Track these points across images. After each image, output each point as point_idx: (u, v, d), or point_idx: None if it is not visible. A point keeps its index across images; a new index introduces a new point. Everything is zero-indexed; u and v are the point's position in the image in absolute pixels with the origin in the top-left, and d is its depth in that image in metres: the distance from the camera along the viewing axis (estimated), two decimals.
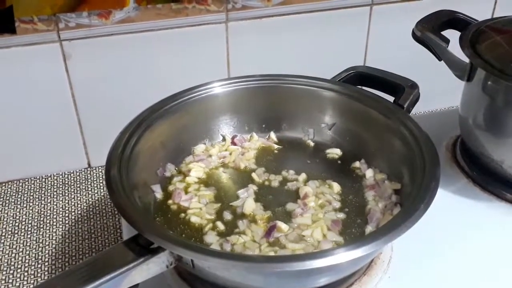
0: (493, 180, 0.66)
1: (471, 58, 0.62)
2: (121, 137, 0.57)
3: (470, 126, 0.67)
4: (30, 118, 0.75)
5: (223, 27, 0.76)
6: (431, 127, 0.60)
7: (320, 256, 0.44)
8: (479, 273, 0.56)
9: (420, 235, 0.52)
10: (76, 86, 0.74)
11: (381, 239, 0.45)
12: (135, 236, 0.47)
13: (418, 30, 0.68)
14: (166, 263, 0.47)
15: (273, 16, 0.78)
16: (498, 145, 0.64)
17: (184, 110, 0.64)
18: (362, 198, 0.61)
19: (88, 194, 0.77)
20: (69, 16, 0.69)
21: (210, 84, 0.66)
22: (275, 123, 0.70)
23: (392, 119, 0.61)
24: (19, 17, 0.67)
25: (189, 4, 0.73)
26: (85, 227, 0.71)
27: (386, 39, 0.84)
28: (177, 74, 0.77)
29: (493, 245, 0.60)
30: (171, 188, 0.61)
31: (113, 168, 0.53)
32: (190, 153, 0.66)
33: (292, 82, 0.68)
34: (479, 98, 0.64)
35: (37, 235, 0.70)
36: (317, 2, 0.78)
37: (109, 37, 0.72)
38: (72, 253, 0.67)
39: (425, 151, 0.55)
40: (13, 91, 0.72)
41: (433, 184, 0.51)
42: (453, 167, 0.70)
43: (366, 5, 0.81)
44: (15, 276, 0.65)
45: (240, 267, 0.45)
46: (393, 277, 0.55)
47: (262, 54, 0.80)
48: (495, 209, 0.64)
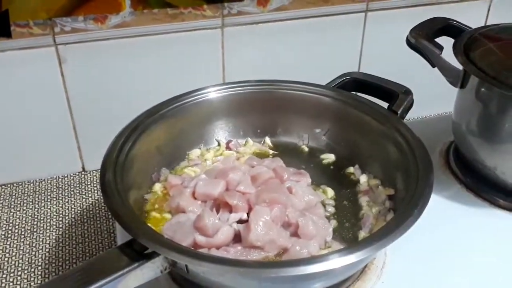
0: (486, 186, 0.67)
1: (464, 65, 0.63)
2: (116, 141, 0.57)
3: (464, 132, 0.67)
4: (25, 122, 0.74)
5: (218, 32, 0.76)
6: (425, 133, 0.60)
7: (314, 261, 0.44)
8: (472, 279, 0.57)
9: (413, 240, 0.52)
10: (71, 90, 0.74)
11: (374, 244, 0.46)
12: (130, 241, 0.47)
13: (412, 37, 0.69)
14: (161, 268, 0.47)
15: (268, 22, 0.78)
16: (491, 151, 0.64)
17: (180, 115, 0.64)
18: (356, 203, 0.61)
19: (82, 198, 0.77)
20: (65, 20, 0.69)
21: (206, 89, 0.66)
22: (270, 128, 0.70)
23: (386, 125, 0.62)
24: (15, 21, 0.67)
25: (185, 9, 0.73)
26: (79, 231, 0.71)
27: (380, 46, 0.85)
28: (173, 79, 0.77)
29: (486, 250, 0.60)
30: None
31: (108, 172, 0.53)
32: (185, 157, 0.67)
33: (287, 87, 0.68)
34: (472, 104, 0.65)
35: (30, 239, 0.70)
36: (312, 8, 0.78)
37: (104, 42, 0.72)
38: (65, 257, 0.67)
39: (418, 157, 0.56)
40: (8, 95, 0.72)
41: (427, 190, 0.51)
42: (447, 173, 0.71)
43: (361, 12, 0.82)
44: (8, 280, 0.64)
45: (235, 272, 0.45)
46: (386, 283, 0.56)
47: (257, 59, 0.80)
48: (488, 215, 0.65)
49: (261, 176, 0.59)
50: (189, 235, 0.52)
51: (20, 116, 0.74)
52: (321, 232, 0.55)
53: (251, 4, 0.75)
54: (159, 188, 0.62)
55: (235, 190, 0.57)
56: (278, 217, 0.54)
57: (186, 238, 0.52)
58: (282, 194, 0.56)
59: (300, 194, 0.58)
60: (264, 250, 0.51)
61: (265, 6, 0.77)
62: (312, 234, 0.54)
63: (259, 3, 0.76)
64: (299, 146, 0.70)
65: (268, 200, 0.55)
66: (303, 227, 0.54)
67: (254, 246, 0.51)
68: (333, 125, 0.68)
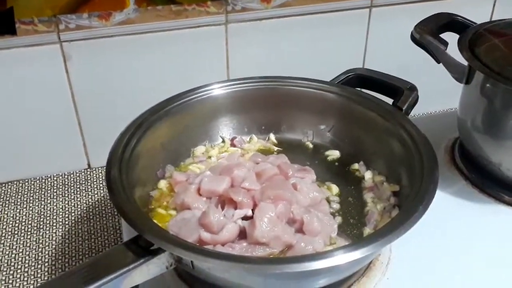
0: (491, 182, 0.66)
1: (470, 61, 0.62)
2: (122, 138, 0.57)
3: (469, 128, 0.67)
4: (30, 119, 0.75)
5: (222, 28, 0.76)
6: (430, 129, 0.60)
7: (319, 258, 0.45)
8: (478, 275, 0.57)
9: (418, 237, 0.52)
10: (76, 87, 0.74)
11: (379, 241, 0.46)
12: (135, 237, 0.47)
13: (417, 32, 0.68)
14: (166, 264, 0.47)
15: (272, 18, 0.78)
16: (496, 147, 0.64)
17: (184, 112, 0.64)
18: (361, 200, 0.61)
19: (88, 195, 0.77)
20: (70, 18, 0.69)
21: (210, 86, 0.66)
22: (275, 124, 0.70)
23: (391, 121, 0.62)
24: (20, 18, 0.67)
25: (189, 6, 0.73)
26: (85, 227, 0.71)
27: (385, 42, 0.85)
28: (177, 75, 0.77)
29: (491, 246, 0.60)
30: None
31: (113, 169, 0.53)
32: (190, 154, 0.67)
33: (292, 84, 0.68)
34: (477, 100, 0.65)
35: (37, 236, 0.70)
36: (316, 4, 0.78)
37: (109, 39, 0.72)
38: (72, 254, 0.68)
39: (423, 153, 0.56)
40: (12, 92, 0.72)
41: (432, 186, 0.51)
42: (452, 169, 0.71)
43: (365, 8, 0.82)
44: (15, 277, 0.65)
45: (240, 268, 0.45)
46: (391, 279, 0.56)
47: (261, 56, 0.80)
48: (493, 211, 0.65)
49: (265, 172, 0.59)
50: (194, 231, 0.52)
51: (25, 113, 0.74)
52: (326, 228, 0.55)
53: (255, 0, 0.75)
54: (164, 184, 0.62)
55: (240, 186, 0.57)
56: (283, 213, 0.54)
57: (191, 234, 0.52)
58: (287, 191, 0.56)
59: (305, 190, 0.58)
60: (269, 247, 0.52)
61: (269, 2, 0.76)
62: (317, 230, 0.54)
63: None
64: (304, 142, 0.70)
65: (273, 197, 0.55)
66: (308, 223, 0.54)
67: (259, 243, 0.52)
68: (338, 121, 0.68)
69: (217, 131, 0.69)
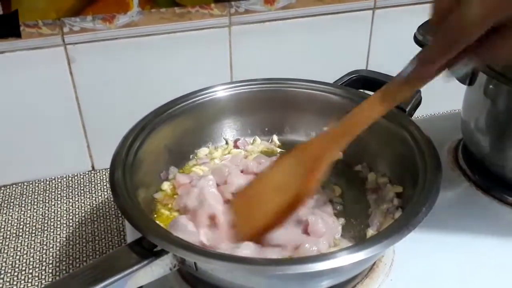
0: (495, 184, 0.66)
1: None
2: (125, 140, 0.58)
3: (472, 130, 0.67)
4: (34, 122, 0.75)
5: (226, 31, 0.77)
6: (433, 131, 0.60)
7: (322, 259, 0.44)
8: (481, 277, 0.56)
9: (422, 238, 0.52)
10: (80, 89, 0.75)
11: (383, 242, 0.46)
12: (139, 239, 0.47)
13: (420, 34, 0.68)
14: (170, 266, 0.47)
15: (275, 20, 0.78)
16: (499, 149, 0.64)
17: (188, 114, 0.64)
18: (364, 201, 0.61)
19: (92, 197, 0.77)
20: (74, 20, 0.70)
21: (213, 88, 0.66)
22: (278, 126, 0.70)
23: (394, 122, 0.62)
24: (24, 21, 0.68)
25: (193, 8, 0.73)
26: (88, 229, 0.72)
27: (388, 43, 0.85)
28: (180, 78, 0.77)
29: (495, 248, 0.60)
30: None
31: (117, 171, 0.53)
32: (193, 156, 0.67)
33: (295, 85, 0.68)
34: (480, 102, 0.64)
35: (41, 238, 0.71)
36: (319, 6, 0.78)
37: (113, 41, 0.72)
38: (76, 256, 0.68)
39: (427, 155, 0.56)
40: (17, 94, 0.72)
41: (435, 187, 0.51)
42: (455, 171, 0.71)
43: (369, 9, 0.82)
44: (19, 278, 0.65)
45: (243, 270, 0.45)
46: (395, 280, 0.56)
47: (264, 58, 0.81)
48: (497, 212, 0.65)
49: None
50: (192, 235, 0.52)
51: (30, 115, 0.75)
52: (331, 230, 0.55)
53: (259, 2, 0.76)
54: (167, 186, 0.62)
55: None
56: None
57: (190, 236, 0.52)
58: None
59: None
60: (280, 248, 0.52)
61: (272, 4, 0.77)
62: (321, 232, 0.54)
63: (266, 1, 0.76)
64: None
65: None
66: (313, 224, 0.54)
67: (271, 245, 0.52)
68: None
69: (221, 133, 0.69)
